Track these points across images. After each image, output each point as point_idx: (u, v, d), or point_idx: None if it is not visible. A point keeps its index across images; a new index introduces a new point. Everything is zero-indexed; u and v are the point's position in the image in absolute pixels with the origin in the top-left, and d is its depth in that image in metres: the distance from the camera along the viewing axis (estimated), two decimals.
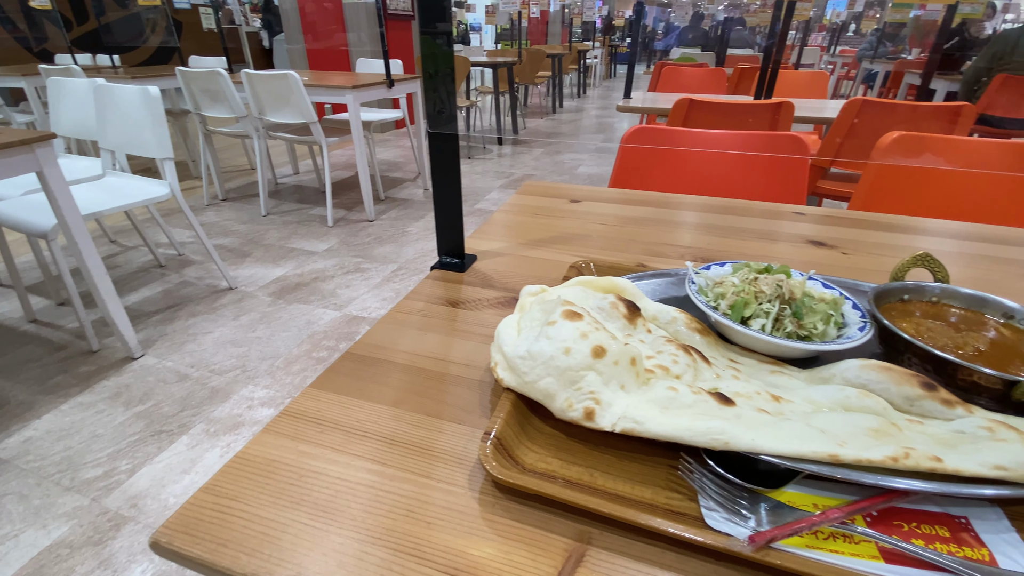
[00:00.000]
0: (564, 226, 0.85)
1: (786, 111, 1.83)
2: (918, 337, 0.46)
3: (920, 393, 0.40)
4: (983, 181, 1.18)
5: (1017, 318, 0.48)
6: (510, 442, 0.38)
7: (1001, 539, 0.33)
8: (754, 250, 0.76)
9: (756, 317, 0.48)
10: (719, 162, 1.29)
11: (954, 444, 0.36)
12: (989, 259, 0.75)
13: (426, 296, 0.61)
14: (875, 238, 0.81)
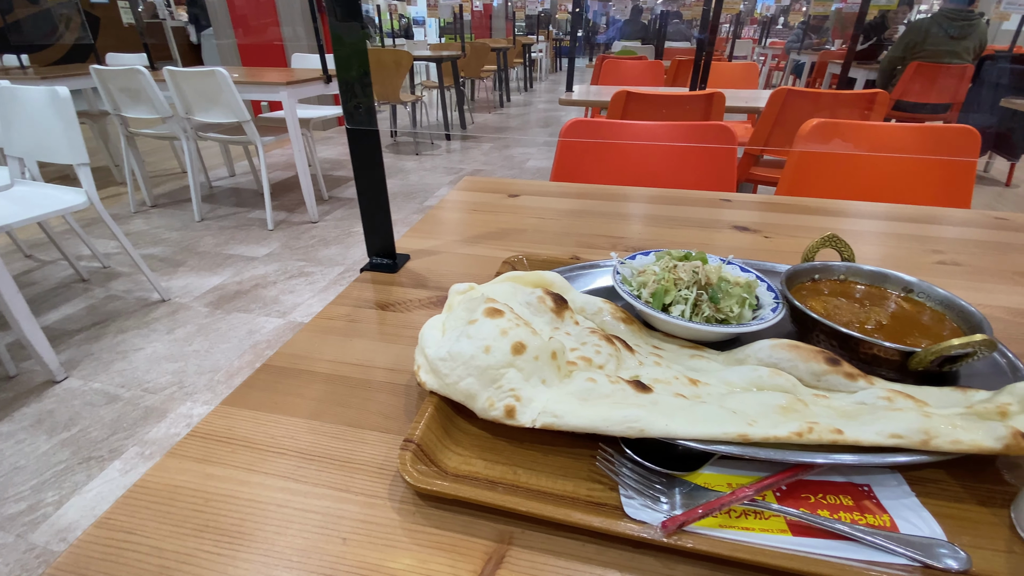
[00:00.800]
0: (501, 221, 0.84)
1: (718, 102, 1.89)
2: (825, 315, 0.48)
3: (825, 368, 0.42)
4: (894, 163, 1.26)
5: (916, 292, 0.51)
6: (432, 447, 0.37)
7: (901, 504, 0.35)
8: (683, 237, 0.78)
9: (676, 304, 0.49)
10: (654, 153, 1.31)
11: (855, 416, 0.37)
12: (896, 236, 0.80)
13: (353, 300, 0.59)
14: (795, 221, 0.85)
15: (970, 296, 0.62)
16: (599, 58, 3.79)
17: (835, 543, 0.32)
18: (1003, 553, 0.32)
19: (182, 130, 2.79)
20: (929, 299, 0.50)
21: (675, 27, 7.83)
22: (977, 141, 1.22)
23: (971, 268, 0.69)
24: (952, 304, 0.48)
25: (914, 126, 1.28)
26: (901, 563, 0.30)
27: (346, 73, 0.54)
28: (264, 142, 2.73)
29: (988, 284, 0.65)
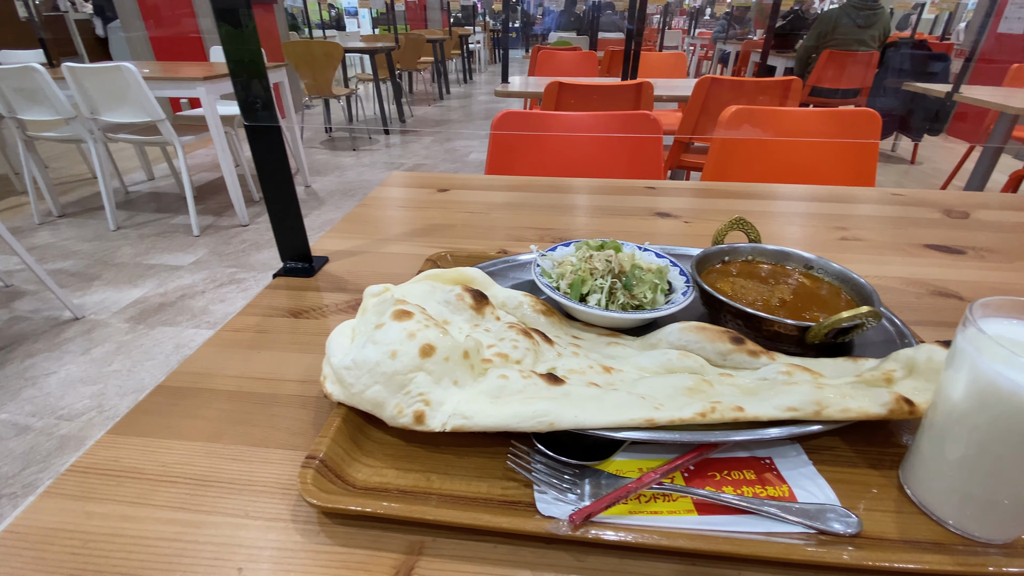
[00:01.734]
0: (428, 217, 0.82)
1: (646, 91, 1.94)
2: (733, 295, 0.50)
3: (730, 347, 0.43)
4: (806, 146, 1.34)
5: (815, 268, 0.54)
6: (339, 461, 0.35)
7: (799, 473, 0.36)
8: (609, 226, 0.79)
9: (593, 293, 0.49)
10: (585, 143, 1.33)
11: (756, 392, 0.39)
12: (805, 216, 0.84)
13: (263, 309, 0.56)
14: (714, 206, 0.88)
15: (869, 269, 0.67)
16: (534, 49, 3.80)
17: (737, 518, 0.33)
18: (892, 513, 0.34)
19: (88, 132, 2.56)
20: (827, 274, 0.53)
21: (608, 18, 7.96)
22: (878, 123, 1.31)
23: (871, 242, 0.74)
24: (846, 278, 0.51)
25: (822, 111, 1.36)
26: (798, 531, 0.32)
27: (237, 63, 0.51)
28: (183, 142, 2.56)
29: (885, 256, 0.70)
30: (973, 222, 0.82)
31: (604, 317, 0.47)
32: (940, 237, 0.76)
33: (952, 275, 0.65)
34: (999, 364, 0.27)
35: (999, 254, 0.71)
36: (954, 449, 0.31)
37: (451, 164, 4.05)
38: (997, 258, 0.70)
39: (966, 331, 0.30)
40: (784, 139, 1.26)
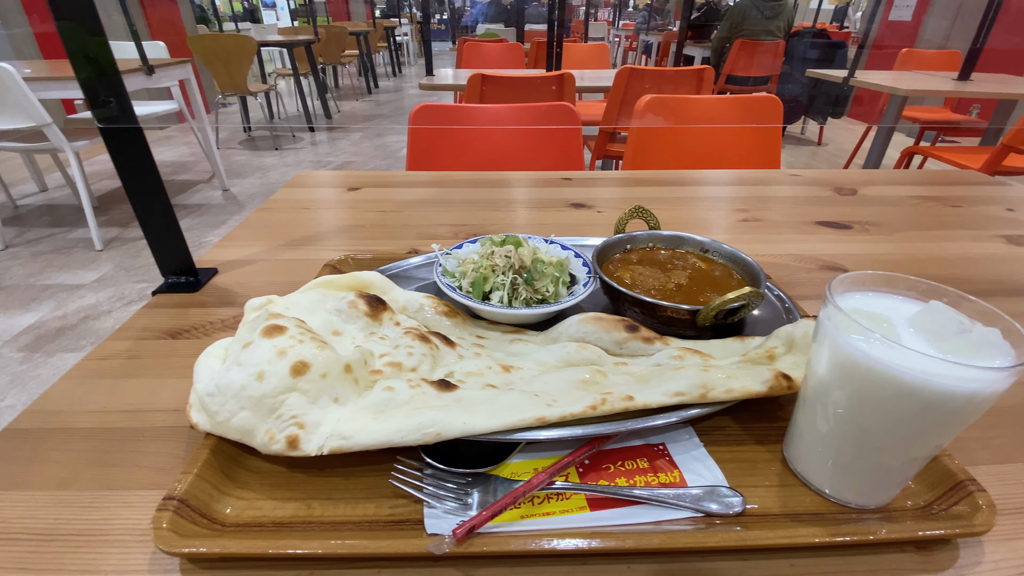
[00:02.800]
0: (336, 219, 0.78)
1: (568, 82, 1.96)
2: (632, 283, 0.50)
3: (626, 336, 0.44)
4: (717, 132, 1.39)
5: (710, 251, 0.56)
6: (205, 499, 0.32)
7: (691, 457, 0.37)
8: (523, 219, 0.78)
9: (495, 290, 0.48)
10: (507, 136, 1.32)
11: (648, 379, 0.39)
12: (710, 200, 0.87)
13: (137, 331, 0.50)
14: (626, 194, 0.90)
15: (765, 247, 0.70)
16: (460, 41, 3.74)
17: (629, 509, 0.32)
18: (776, 487, 0.35)
19: None
20: (720, 256, 0.54)
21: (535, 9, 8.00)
22: (779, 108, 1.38)
23: (769, 222, 0.78)
24: (737, 259, 0.53)
25: (728, 98, 1.42)
26: (686, 516, 0.32)
27: (78, 55, 0.45)
28: (76, 148, 2.32)
29: (781, 235, 0.74)
30: (860, 198, 0.88)
31: (506, 314, 0.46)
32: (830, 214, 0.81)
33: (839, 249, 0.69)
34: (855, 338, 0.28)
35: (882, 227, 0.76)
36: (824, 422, 0.32)
37: (383, 160, 3.93)
38: (880, 231, 0.75)
39: (826, 307, 0.31)
40: (692, 126, 1.31)
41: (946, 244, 0.71)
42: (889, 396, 0.28)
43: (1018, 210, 0.83)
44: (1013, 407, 0.43)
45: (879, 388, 0.28)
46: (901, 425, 0.29)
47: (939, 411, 0.27)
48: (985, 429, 0.41)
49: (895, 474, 0.32)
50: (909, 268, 0.64)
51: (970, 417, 0.28)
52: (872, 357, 0.28)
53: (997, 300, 0.58)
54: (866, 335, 0.27)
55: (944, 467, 0.34)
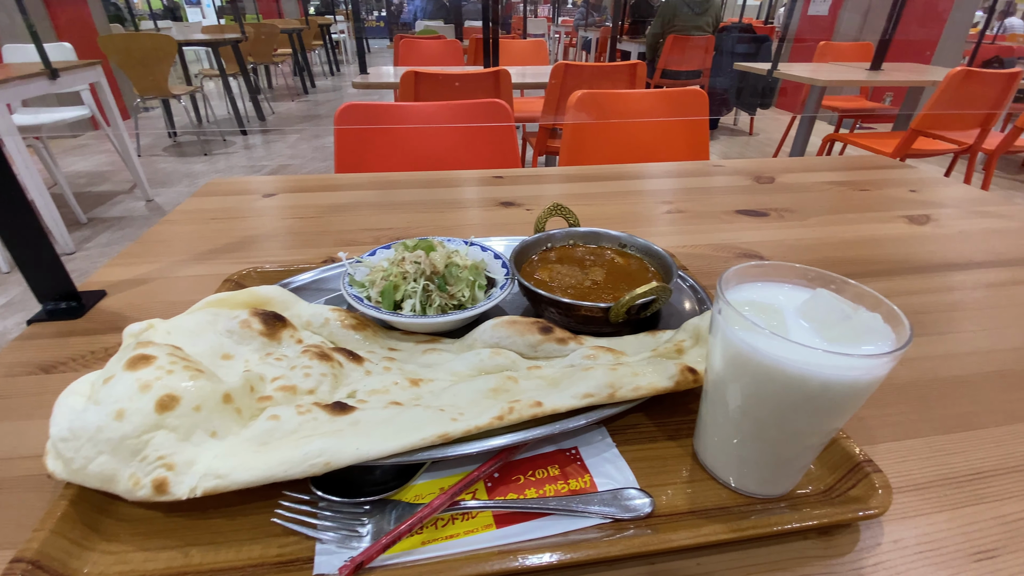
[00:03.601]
0: (247, 228, 0.73)
1: (504, 79, 1.94)
2: (549, 282, 0.49)
3: (540, 338, 0.42)
4: (647, 125, 1.42)
5: (627, 245, 0.55)
6: (64, 557, 0.28)
7: (603, 459, 0.36)
8: (450, 220, 0.76)
9: (407, 298, 0.46)
10: (439, 135, 1.29)
11: (559, 381, 0.38)
12: (637, 193, 0.88)
13: (4, 368, 0.45)
14: (555, 191, 0.89)
15: (686, 238, 0.71)
16: (396, 38, 3.66)
17: (538, 522, 0.31)
18: (685, 483, 0.34)
19: None
20: (637, 250, 0.54)
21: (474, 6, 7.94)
22: (705, 101, 1.42)
23: (691, 213, 0.79)
24: (652, 252, 0.53)
25: (656, 92, 1.44)
26: (594, 524, 0.31)
27: None
28: None
29: (703, 225, 0.75)
30: (778, 186, 0.91)
31: (417, 323, 0.44)
32: (749, 202, 0.83)
33: (756, 237, 0.71)
34: (742, 332, 0.28)
35: (796, 213, 0.79)
36: (723, 415, 0.32)
37: (322, 163, 3.79)
38: (794, 217, 0.78)
39: (717, 302, 0.30)
40: (623, 121, 1.32)
41: (854, 227, 0.74)
42: (777, 388, 0.28)
43: (920, 191, 0.89)
44: (911, 383, 0.45)
45: (767, 381, 0.28)
46: (792, 415, 0.29)
47: (825, 399, 0.27)
48: (884, 407, 0.42)
49: (794, 462, 0.32)
50: (820, 251, 0.67)
51: (856, 402, 0.28)
52: (758, 350, 0.27)
53: (898, 279, 0.61)
54: (750, 329, 0.27)
55: (843, 449, 0.35)
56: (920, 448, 0.38)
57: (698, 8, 3.90)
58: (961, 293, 0.58)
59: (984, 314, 0.54)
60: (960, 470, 0.36)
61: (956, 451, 0.38)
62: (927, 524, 0.33)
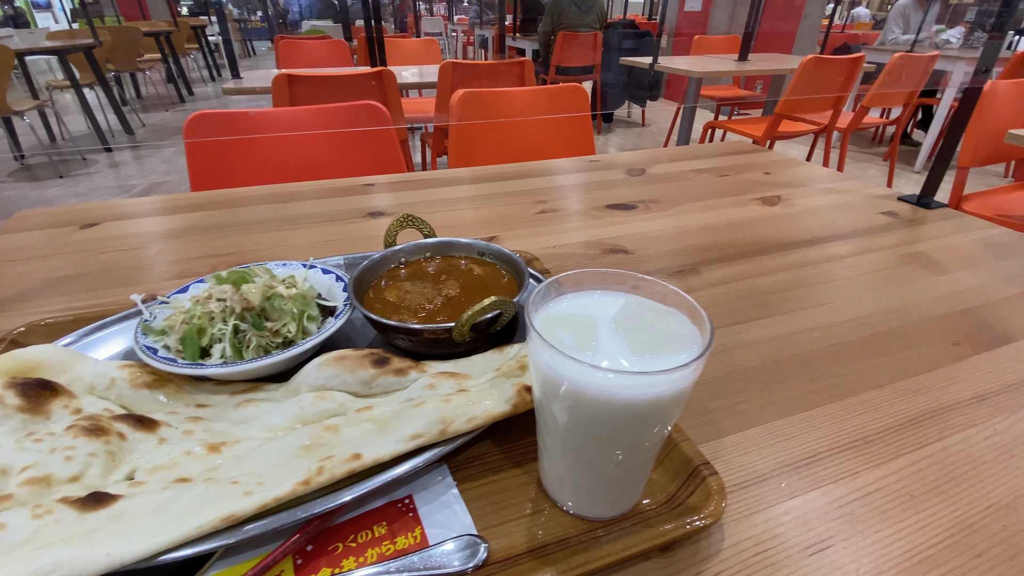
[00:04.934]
0: (52, 270, 0.62)
1: (388, 79, 1.86)
2: (401, 303, 0.45)
3: (374, 372, 0.38)
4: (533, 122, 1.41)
5: (486, 254, 0.52)
6: None
7: (440, 504, 0.32)
8: (305, 238, 0.69)
9: (216, 342, 0.39)
10: (312, 142, 1.19)
11: (389, 423, 0.34)
12: (510, 195, 0.86)
13: None
14: (429, 196, 0.84)
15: (556, 238, 0.69)
16: (276, 39, 3.42)
17: None
18: (528, 517, 0.32)
19: None
20: (494, 258, 0.51)
21: None
22: (585, 97, 1.44)
23: (563, 211, 0.78)
24: (508, 258, 0.50)
25: (538, 89, 1.44)
26: None
27: None
28: None
29: (574, 223, 0.74)
30: (648, 177, 0.93)
31: (221, 373, 0.38)
32: (619, 196, 0.84)
33: (623, 231, 0.71)
34: (548, 356, 0.25)
35: (662, 204, 0.81)
36: (549, 438, 0.30)
37: None
38: (660, 208, 0.79)
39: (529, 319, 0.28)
40: (498, 121, 1.31)
41: (713, 212, 0.77)
42: (586, 411, 0.25)
43: (773, 173, 0.95)
44: (756, 368, 0.45)
45: (575, 405, 0.25)
46: (606, 438, 0.27)
47: (632, 419, 0.25)
48: (732, 396, 0.42)
49: (625, 481, 0.30)
50: (680, 240, 0.68)
51: (668, 415, 0.26)
52: (561, 375, 0.25)
53: (750, 261, 0.63)
54: (554, 353, 0.24)
55: (683, 454, 0.33)
56: (761, 436, 0.38)
57: (584, 6, 4.02)
58: (805, 270, 0.61)
59: (824, 289, 0.57)
60: (798, 454, 0.37)
61: (795, 434, 0.38)
62: (765, 521, 0.32)
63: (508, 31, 5.19)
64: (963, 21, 6.09)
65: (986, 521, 0.32)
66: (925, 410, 0.41)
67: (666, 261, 0.63)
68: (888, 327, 0.51)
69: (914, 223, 0.74)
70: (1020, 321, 0.52)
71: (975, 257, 0.65)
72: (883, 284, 0.58)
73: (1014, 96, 1.69)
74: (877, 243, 0.68)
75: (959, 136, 0.79)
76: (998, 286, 0.58)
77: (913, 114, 3.93)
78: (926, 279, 0.60)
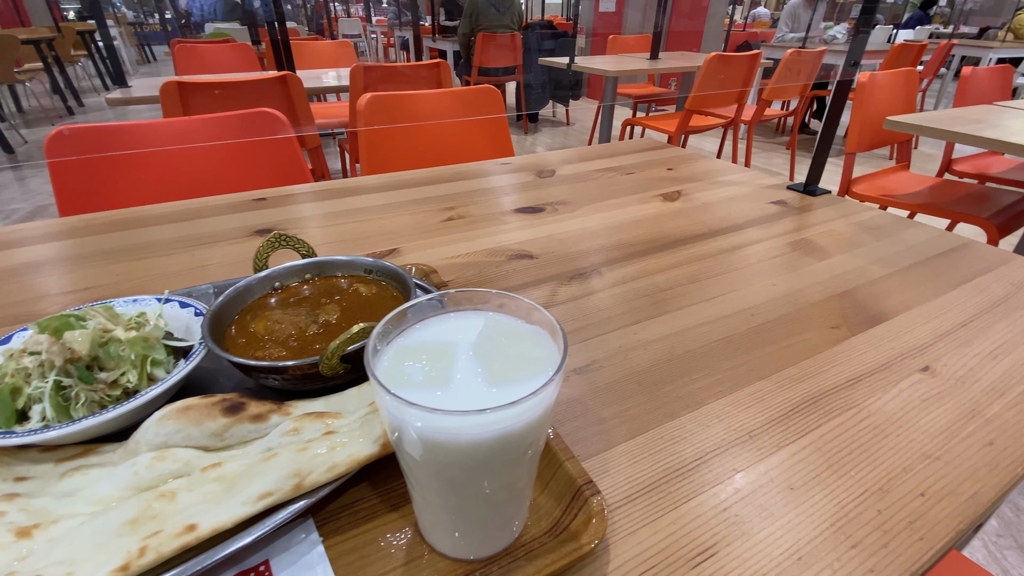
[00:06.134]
0: None
1: (294, 84, 1.76)
2: (269, 335, 0.41)
3: (225, 422, 0.33)
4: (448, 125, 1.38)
5: (374, 271, 0.49)
6: None
7: (301, 567, 0.28)
8: (176, 265, 0.62)
9: (35, 404, 0.33)
10: (200, 155, 1.10)
11: (237, 482, 0.30)
12: (417, 202, 0.82)
13: None
14: (330, 208, 0.79)
15: (462, 246, 0.67)
16: (172, 43, 3.17)
17: None
18: (402, 567, 0.29)
19: None
20: (384, 275, 0.48)
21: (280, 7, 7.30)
22: (499, 98, 1.43)
23: (471, 218, 0.76)
24: (396, 274, 0.47)
25: (450, 91, 1.41)
26: None
27: None
28: None
29: (481, 229, 0.72)
30: (558, 178, 0.93)
31: (42, 438, 0.32)
32: (528, 199, 0.83)
33: (530, 235, 0.70)
34: (383, 396, 0.22)
35: (569, 205, 0.80)
36: (412, 480, 0.27)
37: None
38: (567, 209, 0.79)
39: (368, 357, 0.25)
40: (408, 125, 1.27)
41: (617, 211, 0.77)
42: (435, 453, 0.23)
43: (676, 168, 0.97)
44: (649, 370, 0.45)
45: (422, 446, 0.23)
46: (465, 478, 0.24)
47: (486, 457, 0.23)
48: (624, 401, 0.41)
49: (500, 516, 0.28)
50: (584, 241, 0.68)
51: (527, 443, 0.25)
52: (400, 417, 0.22)
53: (649, 259, 0.64)
54: (384, 393, 0.22)
55: (567, 474, 0.32)
56: (652, 441, 0.38)
57: (501, 7, 4.02)
58: (700, 264, 0.62)
59: (717, 282, 0.59)
60: (686, 457, 0.36)
61: (684, 436, 0.38)
62: (652, 535, 0.31)
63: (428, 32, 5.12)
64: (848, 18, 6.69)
65: (862, 508, 0.33)
66: (806, 397, 0.42)
67: (570, 264, 0.62)
68: (775, 316, 0.52)
69: (801, 210, 0.78)
70: (893, 300, 0.56)
71: (854, 240, 0.69)
72: (771, 273, 0.60)
73: (891, 86, 1.86)
74: (767, 233, 0.71)
75: (835, 126, 0.84)
76: (873, 267, 0.62)
77: (809, 105, 4.26)
78: (810, 265, 0.63)
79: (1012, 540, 1.07)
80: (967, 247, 0.68)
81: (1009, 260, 0.65)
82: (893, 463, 0.36)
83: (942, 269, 0.62)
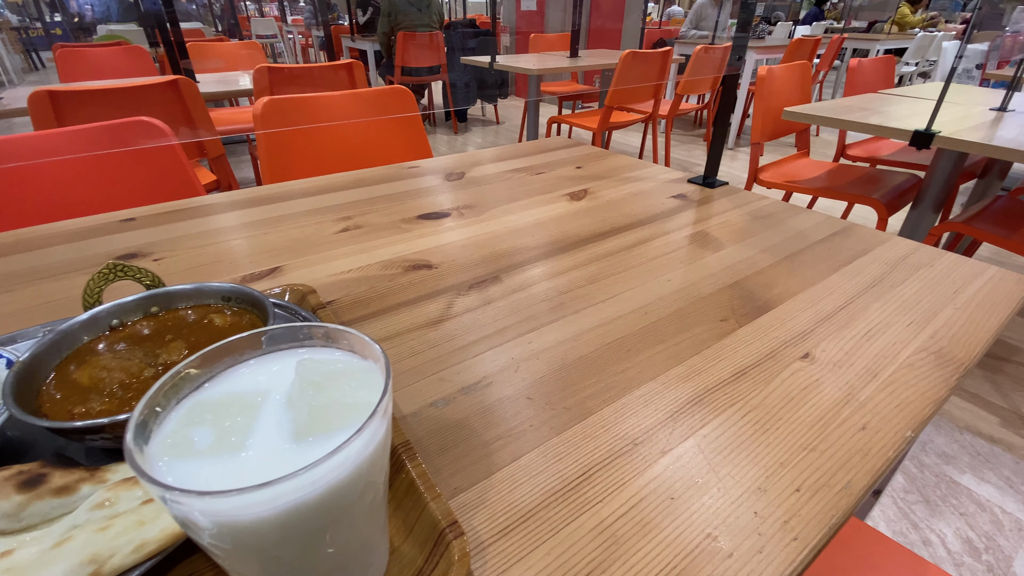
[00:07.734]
0: None
1: (188, 89, 1.63)
2: (93, 384, 0.35)
3: (21, 499, 0.28)
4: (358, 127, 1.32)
5: (234, 299, 0.44)
6: None
7: None
8: (18, 304, 0.54)
9: None
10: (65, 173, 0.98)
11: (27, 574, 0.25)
12: (310, 213, 0.77)
13: None
14: (208, 226, 0.72)
15: (357, 259, 0.62)
16: (54, 47, 2.86)
17: None
18: None
19: None
20: (244, 303, 0.43)
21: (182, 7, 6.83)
22: (411, 98, 1.38)
23: (370, 227, 0.71)
24: (257, 302, 0.42)
25: (358, 92, 1.35)
26: None
27: None
28: None
29: (379, 240, 0.68)
30: (466, 181, 0.90)
31: None
32: (433, 204, 0.79)
33: (432, 242, 0.67)
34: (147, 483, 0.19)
35: (476, 208, 0.78)
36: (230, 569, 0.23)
37: None
38: (473, 213, 0.76)
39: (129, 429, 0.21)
40: (308, 127, 1.20)
41: (524, 213, 0.76)
42: (243, 538, 0.19)
43: (584, 166, 0.97)
44: (540, 381, 0.43)
45: (222, 535, 0.19)
46: (279, 555, 0.21)
47: (294, 531, 0.20)
48: (510, 419, 0.39)
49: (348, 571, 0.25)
50: (488, 246, 0.65)
51: (350, 499, 0.21)
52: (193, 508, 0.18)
53: (552, 260, 0.62)
54: (145, 480, 0.18)
55: (431, 517, 0.29)
56: (535, 462, 0.35)
57: (421, 5, 3.94)
58: (600, 263, 0.62)
59: (615, 280, 0.58)
60: (569, 476, 0.35)
61: (568, 451, 0.36)
62: (526, 569, 0.29)
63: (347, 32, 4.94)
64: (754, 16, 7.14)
65: (739, 511, 0.32)
66: (691, 396, 0.41)
67: (470, 272, 0.59)
68: (668, 312, 0.52)
69: (700, 203, 0.80)
70: (778, 288, 0.57)
71: (746, 230, 0.71)
72: (667, 268, 0.61)
73: (787, 78, 1.98)
74: (665, 227, 0.72)
75: (727, 119, 0.87)
76: (761, 256, 0.64)
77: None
78: (704, 257, 0.63)
79: (918, 495, 1.16)
80: (849, 230, 0.71)
81: (885, 240, 0.69)
82: (772, 459, 0.36)
83: (825, 254, 0.65)
